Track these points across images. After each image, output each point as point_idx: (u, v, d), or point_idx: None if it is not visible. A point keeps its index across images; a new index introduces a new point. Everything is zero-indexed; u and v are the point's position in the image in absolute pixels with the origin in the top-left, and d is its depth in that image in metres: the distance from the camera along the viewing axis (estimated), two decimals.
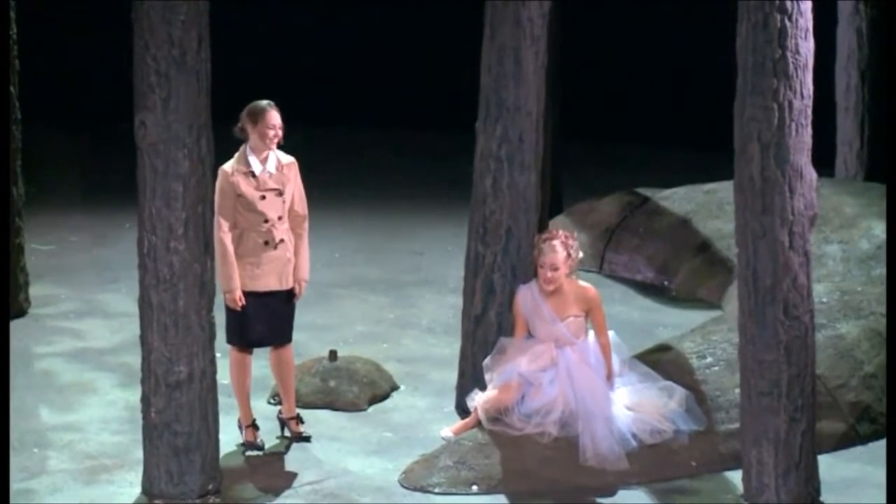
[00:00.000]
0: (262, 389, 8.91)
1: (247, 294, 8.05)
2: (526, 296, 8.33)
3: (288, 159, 8.21)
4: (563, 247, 8.20)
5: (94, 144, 17.03)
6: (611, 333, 8.39)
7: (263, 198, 8.07)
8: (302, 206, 8.25)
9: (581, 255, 8.41)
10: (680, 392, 8.21)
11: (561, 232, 8.38)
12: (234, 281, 8.01)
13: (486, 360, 8.36)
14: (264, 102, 8.09)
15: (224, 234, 7.98)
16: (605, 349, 8.30)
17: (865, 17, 12.84)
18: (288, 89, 10.69)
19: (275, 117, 8.06)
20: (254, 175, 8.06)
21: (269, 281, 8.13)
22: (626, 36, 17.67)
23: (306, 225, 8.28)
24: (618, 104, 17.48)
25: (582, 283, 8.38)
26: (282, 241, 8.13)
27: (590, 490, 7.81)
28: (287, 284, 8.19)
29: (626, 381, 8.28)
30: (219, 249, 7.93)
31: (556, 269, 8.19)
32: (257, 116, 8.04)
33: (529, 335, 8.35)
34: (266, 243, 8.09)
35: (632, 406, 8.11)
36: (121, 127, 9.01)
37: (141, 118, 7.29)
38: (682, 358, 8.59)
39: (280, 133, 8.08)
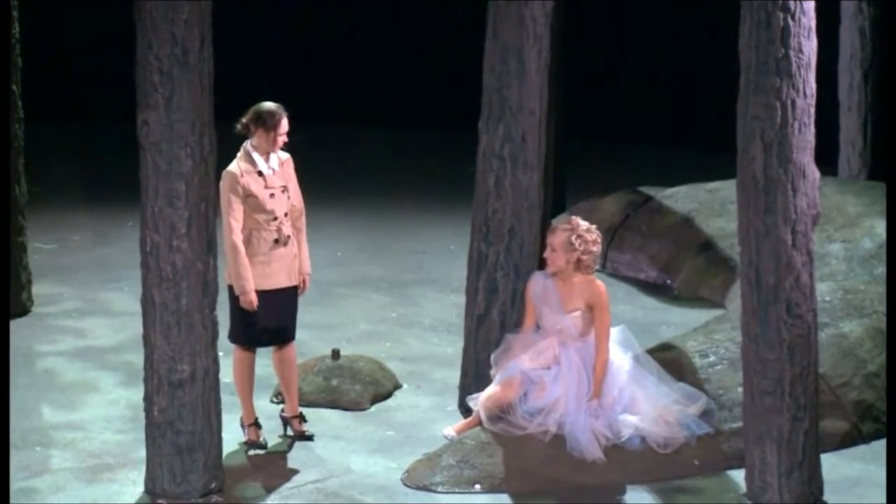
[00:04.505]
0: (264, 388, 8.91)
1: (257, 293, 8.04)
2: (538, 282, 8.28)
3: (284, 155, 8.22)
4: (565, 232, 8.12)
5: (97, 143, 17.03)
6: (620, 328, 8.34)
7: (272, 196, 8.07)
8: (299, 200, 8.27)
9: (595, 249, 8.17)
10: (703, 401, 8.13)
11: (581, 223, 8.20)
12: (249, 283, 7.99)
13: (492, 357, 8.34)
14: (275, 106, 8.06)
15: (236, 236, 7.97)
16: (598, 369, 8.05)
17: (868, 16, 12.84)
18: (288, 89, 10.69)
19: (287, 123, 8.07)
20: (261, 174, 8.06)
21: (280, 278, 8.13)
22: (629, 35, 17.67)
23: (304, 219, 8.30)
24: (620, 103, 17.47)
25: (594, 278, 8.28)
26: (289, 237, 8.15)
27: (592, 489, 7.80)
28: (294, 280, 8.22)
29: (641, 382, 8.15)
30: (231, 252, 7.94)
31: (553, 250, 8.15)
32: (271, 121, 8.00)
33: (539, 326, 8.31)
34: (276, 241, 8.09)
35: (647, 415, 8.03)
36: (123, 126, 9.00)
37: (144, 117, 7.29)
38: (684, 357, 8.58)
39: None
